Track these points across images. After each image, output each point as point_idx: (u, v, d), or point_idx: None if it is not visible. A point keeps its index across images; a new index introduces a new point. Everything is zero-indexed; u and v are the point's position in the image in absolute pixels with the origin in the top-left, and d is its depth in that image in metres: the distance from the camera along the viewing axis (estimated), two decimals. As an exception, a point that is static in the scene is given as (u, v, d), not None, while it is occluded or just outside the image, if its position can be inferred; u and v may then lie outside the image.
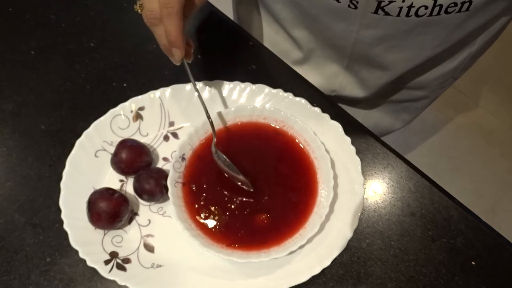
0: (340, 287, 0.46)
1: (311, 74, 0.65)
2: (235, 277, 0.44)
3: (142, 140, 0.50)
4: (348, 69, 0.62)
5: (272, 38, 0.66)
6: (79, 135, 0.48)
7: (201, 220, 0.44)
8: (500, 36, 0.59)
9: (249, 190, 0.45)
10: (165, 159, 0.50)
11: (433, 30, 0.49)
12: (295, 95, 0.51)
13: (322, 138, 0.47)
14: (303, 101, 0.51)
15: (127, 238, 0.46)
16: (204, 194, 0.45)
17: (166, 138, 0.51)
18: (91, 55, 0.57)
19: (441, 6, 0.43)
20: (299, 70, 0.62)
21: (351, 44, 0.55)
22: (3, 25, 0.59)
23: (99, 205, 0.43)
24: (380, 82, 0.62)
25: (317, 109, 0.51)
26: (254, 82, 0.52)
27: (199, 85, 0.52)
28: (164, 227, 0.47)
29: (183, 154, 0.46)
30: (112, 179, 0.48)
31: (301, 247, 0.43)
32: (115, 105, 0.50)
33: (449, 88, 0.72)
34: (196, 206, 0.45)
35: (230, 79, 0.52)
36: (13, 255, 0.46)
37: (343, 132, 0.49)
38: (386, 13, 0.46)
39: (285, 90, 0.51)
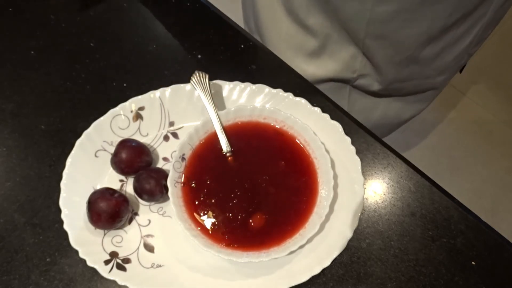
0: (340, 287, 0.45)
1: (330, 61, 0.65)
2: (235, 277, 0.44)
3: (142, 140, 0.50)
4: (364, 53, 0.62)
5: (285, 33, 0.65)
6: (79, 135, 0.48)
7: (201, 220, 0.44)
8: (500, 36, 0.59)
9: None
10: (165, 159, 0.50)
11: None
12: (295, 95, 0.51)
13: (322, 138, 0.47)
14: (303, 101, 0.51)
15: (127, 238, 0.46)
16: (204, 194, 0.45)
17: (166, 138, 0.51)
18: (91, 55, 0.57)
19: None
20: (317, 61, 0.61)
21: (365, 25, 0.55)
22: (3, 25, 0.59)
23: (99, 205, 0.43)
24: (396, 60, 0.61)
25: (317, 109, 0.51)
26: (254, 82, 0.52)
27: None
28: (164, 227, 0.47)
29: (183, 154, 0.46)
30: (112, 179, 0.48)
31: (301, 247, 0.43)
32: (115, 105, 0.50)
33: (449, 88, 0.72)
34: (196, 206, 0.45)
35: (230, 79, 0.52)
36: (13, 255, 0.46)
37: (343, 132, 0.49)
38: None
39: (285, 90, 0.51)
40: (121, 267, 0.44)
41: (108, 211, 0.43)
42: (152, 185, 0.45)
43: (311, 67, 0.60)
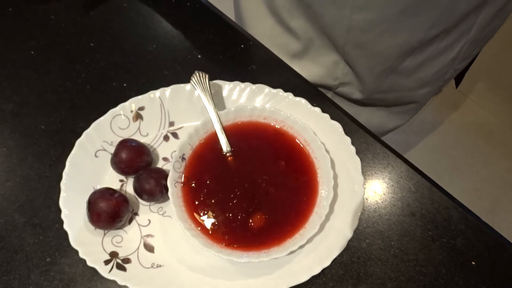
0: (340, 287, 0.45)
1: (312, 65, 0.65)
2: (235, 277, 0.44)
3: (142, 140, 0.50)
4: (346, 60, 0.62)
5: (270, 33, 0.65)
6: (79, 135, 0.48)
7: (201, 220, 0.44)
8: (500, 36, 0.59)
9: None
10: (165, 159, 0.50)
11: (424, 10, 0.49)
12: (295, 95, 0.51)
13: (322, 138, 0.47)
14: (303, 101, 0.51)
15: (127, 238, 0.46)
16: (204, 194, 0.45)
17: (166, 138, 0.51)
18: (91, 55, 0.57)
19: None
20: (299, 63, 0.61)
21: (344, 33, 0.55)
22: (3, 25, 0.59)
23: (99, 205, 0.43)
24: (376, 70, 0.61)
25: (317, 109, 0.51)
26: (254, 82, 0.52)
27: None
28: (164, 227, 0.47)
29: (183, 154, 0.46)
30: (112, 179, 0.48)
31: (301, 247, 0.43)
32: (115, 105, 0.50)
33: (449, 88, 0.72)
34: (196, 206, 0.45)
35: (230, 79, 0.52)
36: (13, 255, 0.46)
37: (343, 132, 0.49)
38: None
39: (285, 90, 0.51)
40: (121, 267, 0.44)
41: (108, 211, 0.43)
42: (152, 185, 0.45)
43: (294, 68, 0.61)
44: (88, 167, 0.48)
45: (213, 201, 0.45)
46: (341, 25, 0.53)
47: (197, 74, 0.49)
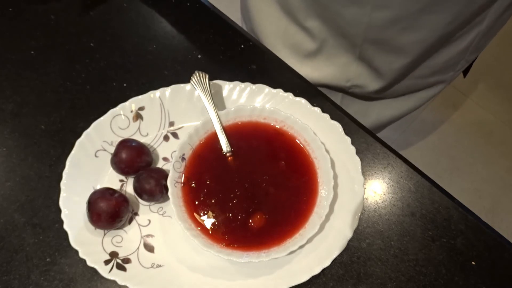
0: (340, 287, 0.46)
1: (325, 65, 0.65)
2: (235, 277, 0.44)
3: (142, 140, 0.50)
4: (361, 58, 0.62)
5: (284, 32, 0.65)
6: (79, 135, 0.48)
7: (201, 220, 0.44)
8: (500, 36, 0.59)
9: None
10: (165, 159, 0.50)
11: (444, 7, 0.49)
12: (295, 95, 0.51)
13: (322, 138, 0.47)
14: (303, 101, 0.51)
15: (127, 238, 0.46)
16: (204, 194, 0.45)
17: (166, 138, 0.51)
18: (91, 55, 0.57)
19: None
20: (312, 63, 0.61)
21: (363, 31, 0.55)
22: (3, 25, 0.59)
23: (99, 205, 0.43)
24: (394, 67, 0.61)
25: (317, 109, 0.51)
26: (254, 82, 0.52)
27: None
28: (164, 227, 0.47)
29: (183, 154, 0.46)
30: (112, 179, 0.48)
31: (301, 247, 0.43)
32: (115, 105, 0.50)
33: (449, 88, 0.72)
34: (196, 206, 0.45)
35: (230, 79, 0.52)
36: (13, 255, 0.46)
37: (343, 132, 0.49)
38: None
39: (285, 90, 0.51)
40: (121, 267, 0.44)
41: (108, 211, 0.43)
42: (152, 185, 0.45)
43: (305, 68, 0.60)
44: (88, 167, 0.48)
45: (213, 201, 0.45)
46: (360, 23, 0.54)
47: (197, 74, 0.49)
